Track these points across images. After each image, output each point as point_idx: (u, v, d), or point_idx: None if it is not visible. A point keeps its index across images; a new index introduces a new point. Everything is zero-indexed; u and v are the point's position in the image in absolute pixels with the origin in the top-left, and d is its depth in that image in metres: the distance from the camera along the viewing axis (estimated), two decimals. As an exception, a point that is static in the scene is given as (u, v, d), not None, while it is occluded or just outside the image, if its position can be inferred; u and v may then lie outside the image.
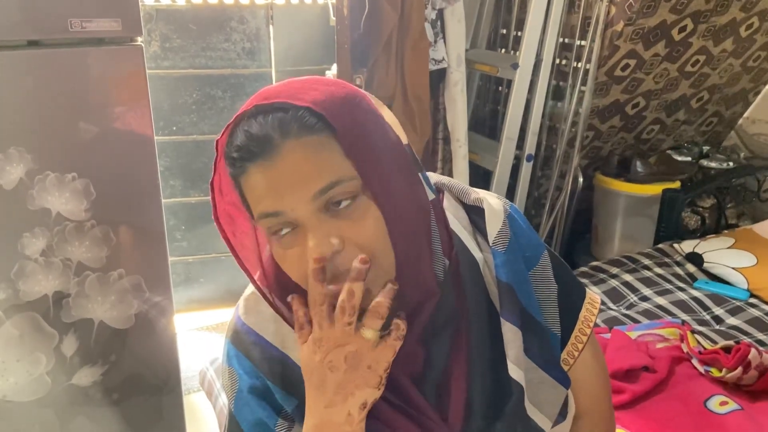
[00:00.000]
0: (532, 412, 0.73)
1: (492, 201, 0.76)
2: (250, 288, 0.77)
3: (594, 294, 0.84)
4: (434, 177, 0.79)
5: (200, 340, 2.49)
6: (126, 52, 1.39)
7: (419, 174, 0.69)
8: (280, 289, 0.70)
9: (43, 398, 1.48)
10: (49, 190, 1.37)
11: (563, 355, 0.79)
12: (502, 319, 0.72)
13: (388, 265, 0.65)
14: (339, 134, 0.61)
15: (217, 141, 0.65)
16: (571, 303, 0.80)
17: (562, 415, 0.76)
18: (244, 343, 0.74)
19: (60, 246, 1.41)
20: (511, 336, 0.71)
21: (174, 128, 2.52)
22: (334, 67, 1.92)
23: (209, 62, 2.49)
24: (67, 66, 1.35)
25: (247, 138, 0.61)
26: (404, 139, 0.69)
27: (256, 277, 0.71)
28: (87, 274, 1.45)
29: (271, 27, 2.50)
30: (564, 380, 0.75)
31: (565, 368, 0.78)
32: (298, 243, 0.63)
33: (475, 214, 0.76)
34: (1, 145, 1.31)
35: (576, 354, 0.79)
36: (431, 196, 0.71)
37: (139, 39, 1.40)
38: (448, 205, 0.76)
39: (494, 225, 0.74)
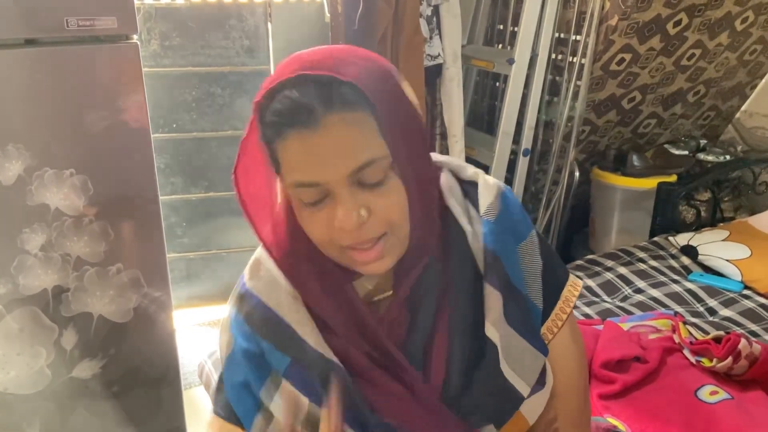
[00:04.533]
0: (511, 376, 0.77)
1: (487, 178, 0.81)
2: (255, 254, 0.80)
3: (576, 278, 0.87)
4: (432, 155, 0.82)
5: (201, 336, 2.52)
6: (122, 50, 1.41)
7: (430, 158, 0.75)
8: (290, 246, 0.74)
9: (44, 391, 1.50)
10: (47, 186, 1.39)
11: (543, 329, 0.83)
12: (485, 283, 0.76)
13: (403, 236, 0.71)
14: (377, 113, 0.64)
15: (255, 102, 0.67)
16: (555, 281, 0.84)
17: (540, 383, 0.80)
18: (246, 307, 0.77)
19: (59, 241, 1.43)
20: (493, 300, 0.76)
21: (174, 126, 2.54)
22: (330, 63, 1.94)
23: (208, 60, 2.51)
24: (64, 64, 1.37)
25: (289, 104, 0.63)
26: (421, 114, 0.74)
27: (265, 232, 0.75)
28: (86, 269, 1.47)
29: (269, 24, 2.52)
30: (543, 349, 0.80)
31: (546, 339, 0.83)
32: (326, 209, 0.67)
33: (470, 188, 0.80)
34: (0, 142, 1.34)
35: (555, 330, 0.83)
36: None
37: (135, 37, 1.42)
38: (444, 180, 0.80)
39: (486, 197, 0.79)
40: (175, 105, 2.52)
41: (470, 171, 0.82)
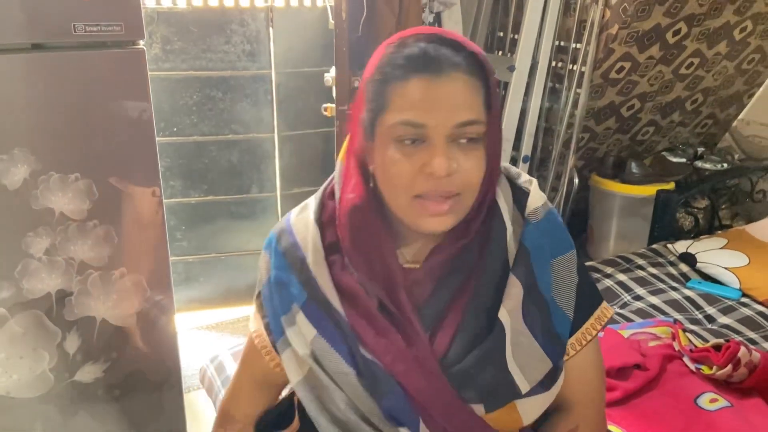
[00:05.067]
0: (513, 368, 0.81)
1: (539, 190, 0.88)
2: (307, 200, 0.89)
3: (609, 308, 0.92)
4: None
5: (200, 340, 2.52)
6: (128, 55, 1.41)
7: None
8: (357, 199, 0.82)
9: (46, 395, 1.50)
10: (52, 190, 1.40)
11: (571, 340, 0.87)
12: (510, 274, 0.82)
13: (468, 205, 0.78)
14: (488, 83, 0.75)
15: (385, 44, 0.77)
16: (589, 299, 0.89)
17: (544, 386, 0.83)
18: (284, 242, 0.86)
19: (63, 245, 1.43)
20: (514, 290, 0.81)
21: (175, 129, 2.54)
22: (333, 69, 1.95)
23: (210, 64, 2.51)
24: (71, 69, 1.37)
25: (421, 53, 0.73)
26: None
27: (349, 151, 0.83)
28: (89, 273, 1.48)
29: (271, 29, 2.52)
30: (554, 356, 0.83)
31: (571, 352, 0.87)
32: (418, 154, 0.74)
33: (520, 194, 0.86)
34: (5, 146, 1.34)
35: (583, 343, 0.87)
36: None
37: (141, 42, 1.43)
38: (501, 182, 0.87)
39: (534, 202, 0.85)
40: (176, 108, 2.52)
41: (525, 178, 0.88)
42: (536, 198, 0.85)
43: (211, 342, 2.49)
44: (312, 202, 0.88)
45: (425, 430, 0.81)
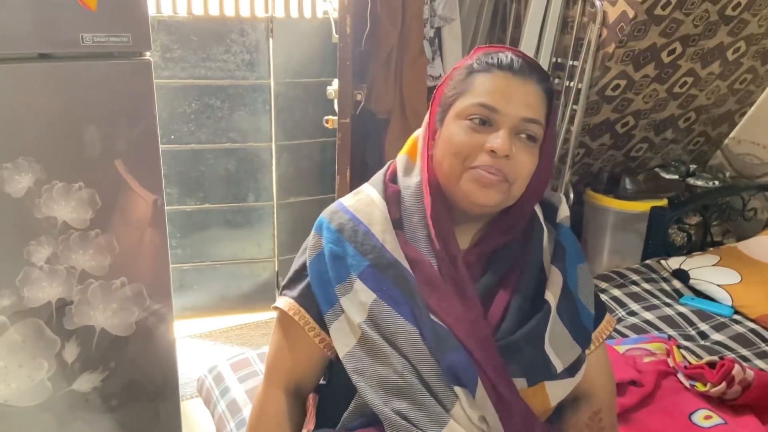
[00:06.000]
0: (548, 349, 0.90)
1: (566, 206, 1.02)
2: (360, 187, 0.98)
3: (612, 318, 1.06)
4: None
5: (193, 348, 2.51)
6: (135, 66, 1.42)
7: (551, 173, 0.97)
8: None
9: (44, 403, 1.50)
10: (55, 199, 1.40)
11: (593, 335, 1.00)
12: (552, 266, 0.94)
13: (515, 195, 0.89)
14: (552, 101, 0.89)
15: (478, 48, 0.92)
16: (600, 305, 1.02)
17: (570, 372, 0.94)
18: (338, 219, 0.94)
19: (64, 254, 1.44)
20: (556, 277, 0.93)
21: (172, 137, 2.54)
22: (335, 82, 1.97)
23: (209, 73, 2.52)
24: (77, 79, 1.38)
25: (509, 58, 0.88)
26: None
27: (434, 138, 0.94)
28: (90, 282, 1.48)
29: (270, 39, 2.54)
30: (582, 343, 0.95)
31: (592, 347, 1.00)
32: (482, 133, 0.86)
33: (548, 209, 0.99)
34: (10, 154, 1.34)
35: (600, 340, 1.02)
36: None
37: (148, 54, 1.44)
38: None
39: (563, 213, 1.00)
40: (174, 116, 2.52)
41: (555, 196, 1.01)
42: (565, 210, 1.00)
43: (204, 350, 2.49)
44: (368, 187, 0.97)
45: (482, 389, 0.86)
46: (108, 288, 1.50)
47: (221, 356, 1.68)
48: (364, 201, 0.95)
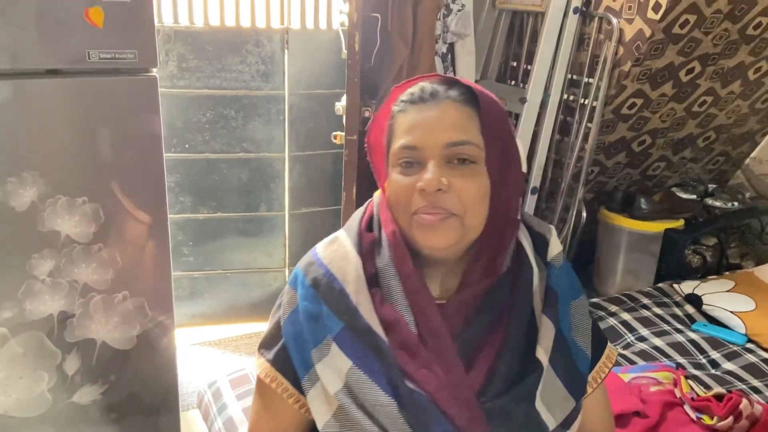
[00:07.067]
0: (540, 407, 0.83)
1: (557, 237, 0.93)
2: (335, 233, 0.92)
3: (615, 348, 0.98)
4: None
5: (202, 356, 2.52)
6: (141, 82, 1.43)
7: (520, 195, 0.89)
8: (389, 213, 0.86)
9: (44, 415, 1.51)
10: (59, 213, 1.41)
11: (588, 378, 0.91)
12: (542, 315, 0.86)
13: (472, 226, 0.81)
14: (482, 113, 0.80)
15: (394, 88, 0.87)
16: (598, 340, 0.95)
17: (565, 426, 0.86)
18: (313, 273, 0.87)
19: (67, 267, 1.44)
20: (547, 330, 0.85)
21: (186, 146, 2.56)
22: (344, 98, 1.96)
23: (224, 83, 2.53)
24: (84, 94, 1.39)
25: (420, 90, 0.83)
26: (524, 168, 0.86)
27: (381, 188, 0.89)
28: (92, 296, 1.49)
29: (285, 51, 2.54)
30: (576, 395, 0.87)
31: (589, 390, 0.92)
32: (414, 174, 0.80)
33: (539, 241, 0.91)
34: (15, 168, 1.36)
35: (599, 380, 0.94)
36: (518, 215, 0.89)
37: (154, 70, 1.44)
38: (521, 228, 0.91)
39: (555, 249, 0.90)
40: (189, 125, 2.54)
41: (544, 226, 0.92)
42: (556, 244, 0.91)
43: (213, 358, 2.49)
44: (344, 235, 0.90)
45: None
46: (110, 301, 1.51)
47: (223, 370, 1.68)
48: (339, 254, 0.88)
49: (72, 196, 1.41)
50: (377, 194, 0.92)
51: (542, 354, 0.84)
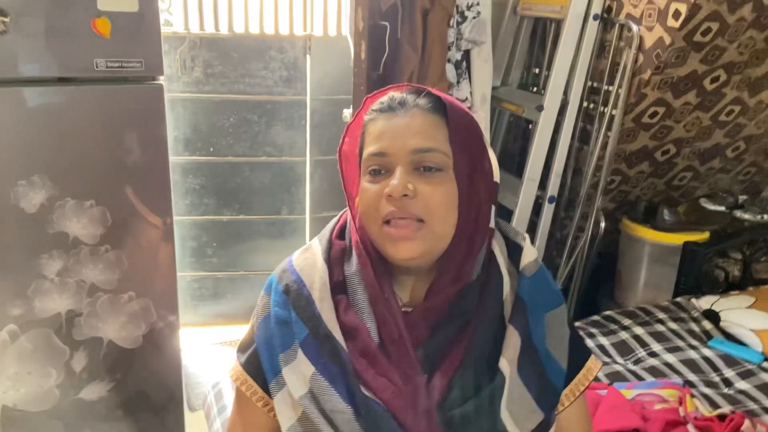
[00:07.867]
0: (505, 417, 0.82)
1: (531, 246, 0.92)
2: (310, 241, 0.94)
3: (598, 361, 0.95)
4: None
5: (222, 355, 2.57)
6: (147, 90, 1.48)
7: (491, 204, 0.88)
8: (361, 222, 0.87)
9: (51, 410, 1.57)
10: (67, 215, 1.47)
11: (566, 391, 0.90)
12: (509, 325, 0.85)
13: (441, 233, 0.82)
14: (449, 120, 0.82)
15: (366, 98, 0.88)
16: (580, 351, 0.93)
17: None
18: (286, 280, 0.89)
19: (75, 268, 1.50)
20: (513, 341, 0.85)
21: (211, 149, 2.62)
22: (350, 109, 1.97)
23: (247, 88, 2.58)
24: (92, 101, 1.44)
25: (390, 99, 0.84)
26: (497, 178, 0.87)
27: (354, 202, 0.89)
28: (99, 295, 1.54)
29: (308, 57, 2.58)
30: (547, 408, 0.86)
31: (565, 403, 0.90)
32: (383, 182, 0.81)
33: (513, 249, 0.91)
34: (26, 172, 1.42)
35: (576, 394, 0.91)
36: (492, 223, 0.88)
37: (161, 78, 1.48)
38: (496, 236, 0.91)
39: (527, 258, 0.90)
40: (214, 129, 2.60)
41: (519, 237, 0.92)
42: (530, 253, 0.90)
43: (232, 357, 2.54)
44: (316, 243, 0.92)
45: None
46: (116, 301, 1.56)
47: (225, 372, 1.71)
48: (310, 261, 0.89)
49: (80, 199, 1.47)
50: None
51: (505, 364, 0.83)
